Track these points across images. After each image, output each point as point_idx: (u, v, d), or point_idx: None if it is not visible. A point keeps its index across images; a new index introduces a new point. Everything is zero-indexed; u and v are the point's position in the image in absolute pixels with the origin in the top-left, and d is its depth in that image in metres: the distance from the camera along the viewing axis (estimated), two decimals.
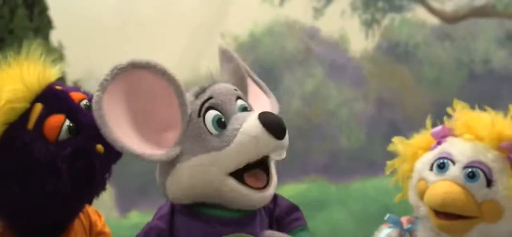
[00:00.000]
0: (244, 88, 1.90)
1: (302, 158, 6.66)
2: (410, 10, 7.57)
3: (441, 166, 1.91)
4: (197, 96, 1.78)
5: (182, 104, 1.74)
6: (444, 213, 1.88)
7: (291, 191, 5.58)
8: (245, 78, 1.90)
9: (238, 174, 1.74)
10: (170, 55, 7.12)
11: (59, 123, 1.80)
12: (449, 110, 2.02)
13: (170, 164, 1.77)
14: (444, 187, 1.87)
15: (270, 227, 1.85)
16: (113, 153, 1.83)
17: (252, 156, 1.71)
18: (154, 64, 1.76)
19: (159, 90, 1.78)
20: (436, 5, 7.51)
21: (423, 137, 2.05)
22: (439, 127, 2.02)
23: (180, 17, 7.50)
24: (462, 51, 7.42)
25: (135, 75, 1.78)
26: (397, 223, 2.03)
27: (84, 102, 1.87)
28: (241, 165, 1.73)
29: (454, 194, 1.86)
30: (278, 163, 1.88)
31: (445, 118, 2.02)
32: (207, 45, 7.43)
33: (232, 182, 1.73)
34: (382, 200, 5.44)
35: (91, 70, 6.92)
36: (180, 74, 5.86)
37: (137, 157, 1.73)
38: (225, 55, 1.93)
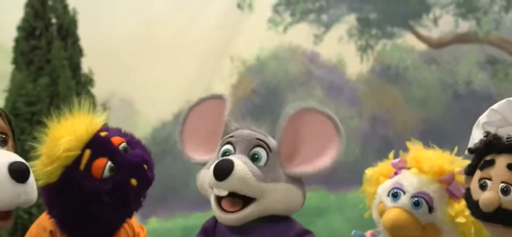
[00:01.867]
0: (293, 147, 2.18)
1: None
2: (400, 37, 7.58)
3: (394, 195, 2.12)
4: (230, 131, 2.19)
5: (223, 132, 2.17)
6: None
7: None
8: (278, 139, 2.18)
9: (219, 198, 2.11)
10: (184, 76, 7.46)
11: (103, 165, 2.06)
12: (407, 143, 2.22)
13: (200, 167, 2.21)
14: (395, 214, 2.10)
15: None
16: (145, 183, 2.19)
17: (206, 184, 2.13)
18: (225, 97, 2.22)
19: (217, 118, 2.21)
20: (423, 32, 7.52)
21: (385, 165, 2.25)
22: (397, 159, 2.21)
23: (194, 42, 7.58)
24: (447, 74, 7.41)
25: (211, 104, 2.25)
26: None
27: (123, 145, 2.12)
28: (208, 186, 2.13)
29: (402, 220, 2.10)
30: None
31: (400, 151, 2.22)
32: (218, 68, 7.64)
33: (212, 202, 2.11)
34: None
35: (114, 90, 7.22)
36: (194, 92, 6.15)
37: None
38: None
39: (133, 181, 2.07)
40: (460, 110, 7.04)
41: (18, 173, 1.68)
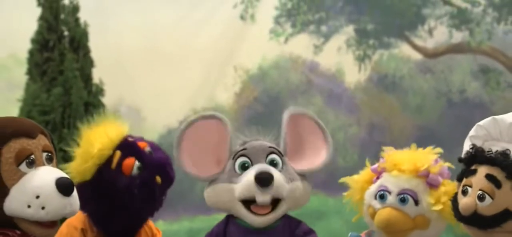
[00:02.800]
0: (296, 149, 2.34)
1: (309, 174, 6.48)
2: (396, 47, 7.54)
3: (381, 196, 2.24)
4: (240, 146, 2.30)
5: (229, 148, 2.26)
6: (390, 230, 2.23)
7: None
8: (284, 144, 2.32)
9: (248, 202, 2.24)
10: (189, 85, 7.49)
11: (132, 164, 2.23)
12: (383, 148, 2.36)
13: (211, 182, 2.30)
14: (386, 213, 2.22)
15: None
16: (168, 181, 2.31)
17: (245, 195, 2.22)
18: (219, 116, 2.33)
19: (219, 134, 2.30)
20: (419, 42, 7.50)
21: (366, 173, 2.38)
22: (375, 165, 2.34)
23: (198, 52, 7.57)
24: (441, 82, 7.38)
25: (203, 124, 2.35)
26: None
27: (147, 148, 2.31)
28: (242, 199, 2.23)
29: (393, 218, 2.21)
30: None
31: (380, 158, 2.35)
32: (221, 77, 7.64)
33: (241, 207, 2.24)
34: None
35: (122, 98, 7.29)
36: (198, 100, 6.24)
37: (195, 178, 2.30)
38: (284, 122, 2.35)
39: (158, 179, 2.25)
40: (454, 117, 7.06)
41: (64, 187, 1.84)
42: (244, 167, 2.28)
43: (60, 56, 5.33)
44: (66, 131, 4.84)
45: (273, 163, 2.29)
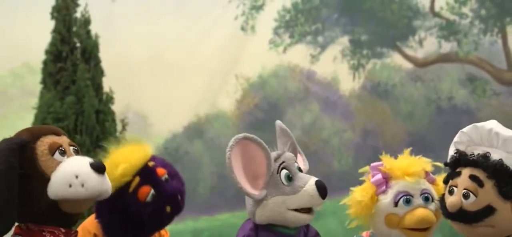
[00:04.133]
0: (295, 153, 2.40)
1: None
2: (388, 57, 7.55)
3: (407, 201, 2.24)
4: (275, 160, 2.35)
5: (269, 164, 2.31)
6: (419, 229, 2.24)
7: None
8: (295, 148, 2.39)
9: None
10: (193, 93, 7.53)
11: (147, 192, 2.28)
12: (381, 157, 2.34)
13: (259, 201, 2.29)
14: (423, 212, 2.22)
15: None
16: (177, 211, 2.38)
17: (307, 205, 2.26)
18: (257, 138, 2.34)
19: (258, 154, 2.34)
20: (409, 52, 7.52)
21: (368, 188, 2.32)
22: (375, 178, 2.31)
23: (202, 62, 7.61)
24: (431, 90, 7.39)
25: (246, 144, 2.38)
26: None
27: (165, 176, 2.34)
28: (302, 207, 2.26)
29: (430, 215, 2.23)
30: None
31: (370, 168, 2.35)
32: (224, 85, 7.67)
33: (291, 214, 2.27)
34: None
35: (130, 105, 7.30)
36: (201, 107, 6.26)
37: (245, 193, 2.28)
38: (282, 131, 2.41)
39: (168, 208, 2.29)
40: (443, 123, 7.06)
41: (98, 167, 1.97)
42: (289, 178, 2.35)
43: (73, 66, 5.35)
44: (79, 137, 4.86)
45: (300, 170, 2.39)
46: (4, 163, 1.90)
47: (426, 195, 2.25)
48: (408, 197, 2.25)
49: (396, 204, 2.26)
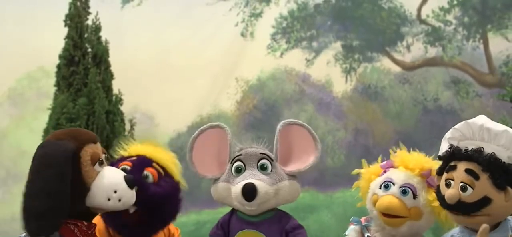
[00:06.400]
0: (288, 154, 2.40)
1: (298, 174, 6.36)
2: (378, 61, 7.55)
3: (386, 186, 2.31)
4: (237, 152, 2.36)
5: (229, 152, 2.32)
6: (388, 214, 2.29)
7: None
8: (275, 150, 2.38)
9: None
10: (196, 94, 7.52)
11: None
12: (391, 151, 2.40)
13: (213, 182, 2.39)
14: (388, 199, 2.28)
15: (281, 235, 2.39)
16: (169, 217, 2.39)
17: (238, 201, 2.32)
18: (222, 126, 2.38)
19: (222, 141, 2.35)
20: (398, 57, 7.51)
21: (375, 167, 2.43)
22: (385, 162, 2.40)
23: (205, 66, 7.60)
24: (418, 92, 7.40)
25: (211, 132, 2.40)
26: (358, 222, 2.42)
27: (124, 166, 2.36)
28: (236, 199, 2.31)
29: (393, 204, 2.27)
30: None
31: (391, 153, 2.40)
32: (225, 87, 7.64)
33: (237, 203, 2.34)
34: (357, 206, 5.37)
35: (138, 106, 7.22)
36: (204, 108, 6.20)
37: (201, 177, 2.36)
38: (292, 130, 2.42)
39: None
40: (429, 123, 7.10)
41: (131, 182, 2.04)
42: (238, 170, 2.37)
43: (84, 70, 5.33)
44: None
45: (263, 167, 2.37)
46: (58, 168, 1.87)
47: (404, 188, 2.27)
48: (388, 183, 2.30)
49: (380, 186, 2.31)
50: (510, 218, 2.16)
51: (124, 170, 2.25)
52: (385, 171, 2.38)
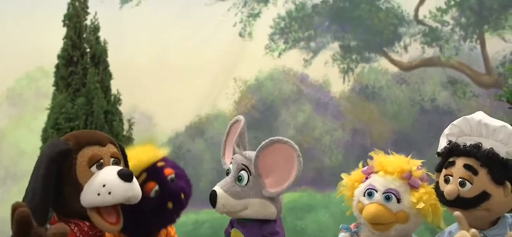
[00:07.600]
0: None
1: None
2: (376, 61, 7.55)
3: (369, 194, 2.30)
4: (236, 152, 2.41)
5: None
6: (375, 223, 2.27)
7: (288, 198, 5.52)
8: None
9: None
10: (195, 94, 7.52)
11: (152, 187, 2.31)
12: (371, 154, 2.38)
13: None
14: (373, 208, 2.26)
15: None
16: (179, 208, 2.38)
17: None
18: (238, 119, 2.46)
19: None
20: (395, 57, 7.52)
21: (356, 173, 2.41)
22: (366, 167, 2.39)
23: (203, 66, 7.60)
24: (415, 92, 7.41)
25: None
26: (347, 229, 2.42)
27: (171, 176, 2.37)
28: None
29: (379, 212, 2.25)
30: None
31: (368, 160, 2.38)
32: (223, 87, 7.65)
33: None
34: None
35: (136, 106, 7.25)
36: (203, 108, 6.21)
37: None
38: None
39: (170, 205, 2.33)
40: (426, 123, 7.09)
41: (125, 175, 1.99)
42: (227, 172, 2.40)
43: (83, 70, 5.32)
44: None
45: (239, 178, 2.38)
46: (44, 169, 1.92)
47: (387, 194, 2.26)
48: (371, 190, 2.28)
49: (364, 194, 2.30)
50: (509, 215, 2.16)
51: (171, 180, 2.32)
52: (367, 177, 2.37)
